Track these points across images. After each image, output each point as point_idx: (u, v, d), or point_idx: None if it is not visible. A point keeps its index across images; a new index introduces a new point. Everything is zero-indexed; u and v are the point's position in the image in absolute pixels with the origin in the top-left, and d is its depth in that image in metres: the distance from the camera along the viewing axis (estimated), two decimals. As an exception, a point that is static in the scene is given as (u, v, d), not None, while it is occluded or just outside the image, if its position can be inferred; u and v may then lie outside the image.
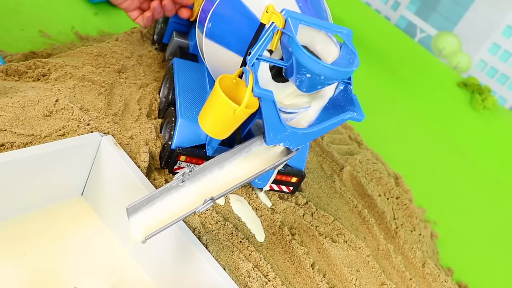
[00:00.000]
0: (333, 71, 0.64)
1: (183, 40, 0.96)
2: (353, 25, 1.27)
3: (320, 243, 0.83)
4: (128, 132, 0.78)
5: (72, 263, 0.70)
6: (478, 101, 1.73)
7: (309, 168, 0.98)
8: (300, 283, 0.76)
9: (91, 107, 0.79)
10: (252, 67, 0.66)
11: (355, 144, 1.17)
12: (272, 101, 0.65)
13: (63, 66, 0.86)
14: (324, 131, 0.69)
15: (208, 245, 0.70)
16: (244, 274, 0.70)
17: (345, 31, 0.70)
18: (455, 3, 1.88)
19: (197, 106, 0.80)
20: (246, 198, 0.82)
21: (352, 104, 0.68)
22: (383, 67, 1.67)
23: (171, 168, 0.78)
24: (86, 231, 0.74)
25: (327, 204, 0.92)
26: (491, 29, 1.85)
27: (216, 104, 0.67)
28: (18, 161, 0.65)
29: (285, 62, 0.68)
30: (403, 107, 1.54)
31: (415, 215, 1.05)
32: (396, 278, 0.88)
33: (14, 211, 0.70)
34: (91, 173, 0.76)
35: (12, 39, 0.99)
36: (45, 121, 0.73)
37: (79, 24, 1.11)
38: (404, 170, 1.18)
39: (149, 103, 0.87)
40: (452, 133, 1.54)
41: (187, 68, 0.88)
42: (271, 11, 0.67)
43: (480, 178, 1.42)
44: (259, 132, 0.73)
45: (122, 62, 0.93)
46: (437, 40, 1.94)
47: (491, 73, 1.89)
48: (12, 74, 0.84)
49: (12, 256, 0.67)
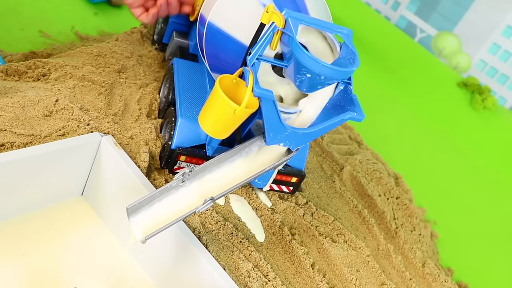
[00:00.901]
0: (333, 71, 0.64)
1: (183, 40, 0.96)
2: (353, 25, 1.27)
3: (320, 243, 0.83)
4: (128, 132, 0.78)
5: (72, 263, 0.70)
6: (478, 101, 1.73)
7: (309, 168, 0.98)
8: (300, 283, 0.76)
9: (91, 107, 0.79)
10: (252, 67, 0.66)
11: (355, 144, 1.17)
12: (272, 101, 0.65)
13: (63, 66, 0.86)
14: (324, 131, 0.69)
15: (208, 245, 0.70)
16: (244, 274, 0.70)
17: (345, 31, 0.70)
18: (455, 3, 1.88)
19: (197, 106, 0.80)
20: (246, 198, 0.82)
21: (352, 104, 0.68)
22: (383, 67, 1.67)
23: (171, 168, 0.78)
24: (86, 231, 0.74)
25: (327, 204, 0.92)
26: (491, 29, 1.85)
27: (216, 104, 0.67)
28: (18, 161, 0.65)
29: (285, 62, 0.68)
30: (403, 107, 1.54)
31: (415, 215, 1.05)
32: (396, 278, 0.88)
33: (14, 211, 0.70)
34: (91, 173, 0.76)
35: (12, 39, 0.99)
36: (45, 121, 0.73)
37: (79, 24, 1.11)
38: (404, 170, 1.18)
39: (149, 103, 0.87)
40: (452, 133, 1.54)
41: (187, 68, 0.88)
42: (271, 11, 0.67)
43: (480, 178, 1.42)
44: (259, 132, 0.73)
45: (122, 62, 0.93)
46: (437, 40, 1.94)
47: (491, 73, 1.89)
48: (12, 74, 0.84)
49: (12, 256, 0.67)
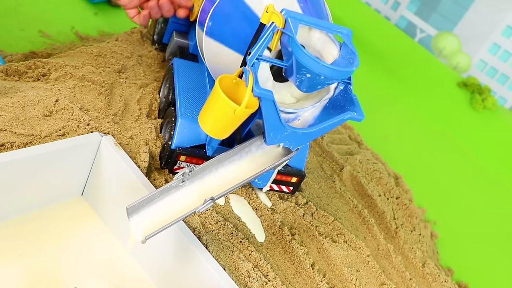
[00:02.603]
0: (333, 71, 0.64)
1: (183, 40, 0.96)
2: (353, 25, 1.27)
3: (320, 243, 0.83)
4: (128, 132, 0.78)
5: (72, 263, 0.70)
6: (478, 101, 1.73)
7: (309, 168, 0.98)
8: (300, 283, 0.76)
9: (91, 107, 0.79)
10: (252, 67, 0.66)
11: (355, 144, 1.17)
12: (272, 101, 0.65)
13: (63, 66, 0.86)
14: (324, 131, 0.69)
15: (208, 245, 0.70)
16: (244, 274, 0.70)
17: (345, 31, 0.70)
18: (455, 3, 1.88)
19: (197, 106, 0.80)
20: (246, 198, 0.82)
21: (352, 104, 0.68)
22: (383, 67, 1.67)
23: (171, 168, 0.78)
24: (86, 231, 0.74)
25: (327, 204, 0.92)
26: (491, 29, 1.85)
27: (216, 104, 0.67)
28: (18, 161, 0.65)
29: (285, 62, 0.68)
30: (403, 107, 1.54)
31: (415, 215, 1.05)
32: (396, 278, 0.88)
33: (14, 211, 0.70)
34: (91, 173, 0.76)
35: (12, 39, 0.99)
36: (45, 121, 0.73)
37: (79, 24, 1.11)
38: (404, 170, 1.18)
39: (149, 103, 0.87)
40: (452, 133, 1.54)
41: (187, 68, 0.88)
42: (271, 11, 0.67)
43: (480, 178, 1.42)
44: (259, 132, 0.73)
45: (122, 62, 0.93)
46: (437, 40, 1.94)
47: (491, 73, 1.89)
48: (12, 74, 0.84)
49: (12, 256, 0.67)
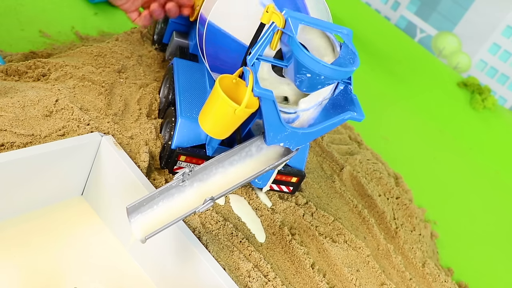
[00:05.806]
0: (333, 71, 0.64)
1: (183, 40, 0.96)
2: (353, 25, 1.27)
3: (320, 243, 0.83)
4: (128, 132, 0.78)
5: (72, 263, 0.70)
6: (478, 101, 1.73)
7: (309, 168, 0.98)
8: (300, 283, 0.76)
9: (91, 107, 0.79)
10: (252, 67, 0.66)
11: (355, 144, 1.17)
12: (272, 101, 0.65)
13: (63, 66, 0.86)
14: (324, 131, 0.69)
15: (208, 245, 0.70)
16: (244, 274, 0.70)
17: (345, 31, 0.70)
18: (455, 3, 1.88)
19: (197, 106, 0.80)
20: (246, 198, 0.82)
21: (352, 104, 0.68)
22: (383, 67, 1.67)
23: (171, 168, 0.78)
24: (86, 231, 0.74)
25: (327, 204, 0.92)
26: (491, 29, 1.85)
27: (216, 104, 0.67)
28: (18, 161, 0.65)
29: (285, 62, 0.68)
30: (403, 107, 1.54)
31: (415, 215, 1.05)
32: (396, 278, 0.88)
33: (14, 211, 0.70)
34: (91, 173, 0.76)
35: (12, 39, 0.99)
36: (45, 121, 0.73)
37: (79, 24, 1.10)
38: (404, 170, 1.18)
39: (149, 103, 0.87)
40: (452, 133, 1.54)
41: (187, 68, 0.88)
42: (271, 11, 0.67)
43: (480, 178, 1.42)
44: (259, 132, 0.73)
45: (122, 62, 0.93)
46: (437, 40, 1.94)
47: (491, 73, 1.89)
48: (12, 74, 0.84)
49: (12, 255, 0.67)
